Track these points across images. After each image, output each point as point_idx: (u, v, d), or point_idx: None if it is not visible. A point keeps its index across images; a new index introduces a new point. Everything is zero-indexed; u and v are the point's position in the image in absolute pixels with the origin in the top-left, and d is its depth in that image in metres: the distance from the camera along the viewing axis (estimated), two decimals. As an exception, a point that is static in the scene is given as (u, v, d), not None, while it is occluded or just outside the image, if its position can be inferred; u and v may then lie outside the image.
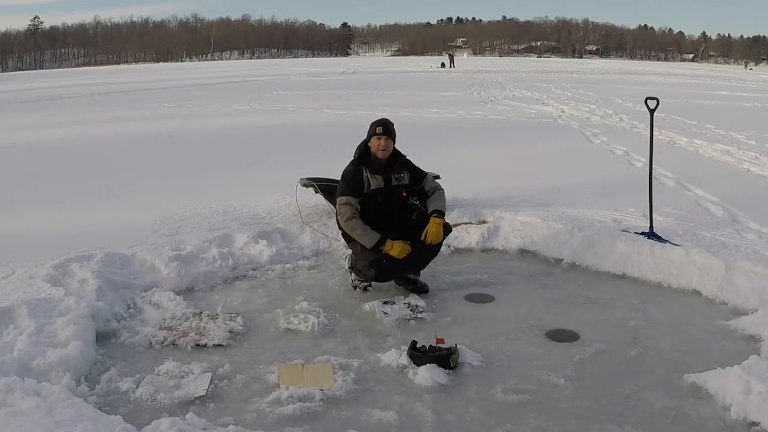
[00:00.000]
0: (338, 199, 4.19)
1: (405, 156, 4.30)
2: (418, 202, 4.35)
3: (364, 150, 4.20)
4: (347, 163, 4.28)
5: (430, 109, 16.02)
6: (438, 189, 4.31)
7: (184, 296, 4.15)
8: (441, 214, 4.19)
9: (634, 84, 28.47)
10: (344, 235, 4.27)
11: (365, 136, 4.25)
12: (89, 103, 20.06)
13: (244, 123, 13.79)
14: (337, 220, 4.25)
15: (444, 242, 4.58)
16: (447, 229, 4.26)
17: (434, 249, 4.28)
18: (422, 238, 4.12)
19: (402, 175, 4.24)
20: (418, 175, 4.30)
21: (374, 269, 4.11)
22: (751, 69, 71.89)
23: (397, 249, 4.02)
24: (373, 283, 4.32)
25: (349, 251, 4.38)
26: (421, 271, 4.39)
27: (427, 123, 13.48)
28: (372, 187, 4.15)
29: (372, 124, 4.22)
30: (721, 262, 4.25)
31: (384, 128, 4.15)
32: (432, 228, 4.12)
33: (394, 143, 4.22)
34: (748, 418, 2.72)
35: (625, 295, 4.22)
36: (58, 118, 15.42)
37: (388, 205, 4.18)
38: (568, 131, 12.24)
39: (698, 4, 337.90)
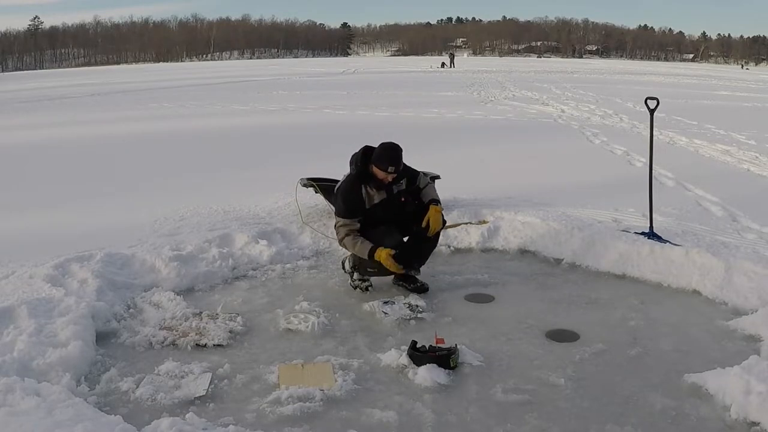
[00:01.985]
0: (336, 220, 4.21)
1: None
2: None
3: (362, 167, 4.15)
4: (346, 164, 4.28)
5: (431, 109, 16.02)
6: (429, 183, 4.38)
7: (184, 296, 4.15)
8: (438, 203, 4.27)
9: (634, 84, 28.46)
10: None
11: (365, 141, 4.23)
12: (89, 103, 20.05)
13: (244, 123, 13.78)
14: (336, 236, 4.28)
15: (444, 242, 4.58)
16: (443, 219, 4.31)
17: (433, 239, 4.31)
18: (423, 226, 4.16)
19: (401, 182, 4.26)
20: (413, 176, 4.32)
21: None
22: (747, 69, 71.77)
23: (385, 259, 4.02)
24: (373, 282, 4.33)
25: (348, 253, 4.38)
26: (422, 271, 4.39)
27: (427, 123, 13.49)
28: (375, 201, 4.18)
29: (384, 155, 4.07)
30: (721, 262, 4.25)
31: (396, 168, 4.07)
32: (432, 215, 4.16)
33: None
34: (748, 418, 2.72)
35: (625, 295, 4.22)
36: (58, 118, 15.42)
37: (389, 213, 4.22)
38: (568, 131, 12.24)
39: (698, 4, 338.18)
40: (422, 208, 4.23)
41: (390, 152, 4.09)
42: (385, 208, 4.19)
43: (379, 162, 4.08)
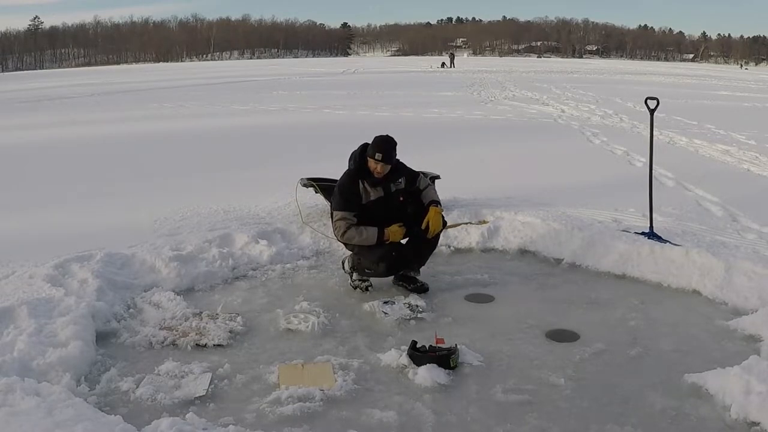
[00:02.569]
0: (333, 213, 4.21)
1: (399, 161, 4.31)
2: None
3: (360, 163, 4.18)
4: (346, 165, 4.29)
5: (431, 109, 16.02)
6: (429, 185, 4.39)
7: (184, 296, 4.16)
8: (438, 204, 4.27)
9: (634, 84, 28.45)
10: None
11: (365, 141, 4.23)
12: (89, 103, 20.04)
13: (244, 123, 13.79)
14: (334, 233, 4.27)
15: (444, 242, 4.56)
16: (443, 220, 4.31)
17: (433, 240, 4.31)
18: (423, 227, 4.17)
19: (400, 180, 4.27)
20: (413, 177, 4.33)
21: (385, 263, 4.16)
22: (746, 69, 71.76)
23: (396, 233, 4.14)
24: (373, 282, 4.33)
25: (348, 253, 4.39)
26: (422, 271, 4.40)
27: (427, 123, 13.49)
28: (371, 198, 4.18)
29: (374, 143, 4.14)
30: (721, 262, 4.26)
31: (383, 155, 4.10)
32: (432, 216, 4.17)
33: (392, 165, 4.20)
34: (748, 418, 2.72)
35: (625, 295, 4.22)
36: (58, 118, 15.41)
37: (387, 211, 4.22)
38: (568, 131, 12.24)
39: (698, 4, 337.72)
40: (422, 209, 4.23)
41: (380, 141, 4.15)
42: (381, 205, 4.18)
43: (369, 151, 4.13)
